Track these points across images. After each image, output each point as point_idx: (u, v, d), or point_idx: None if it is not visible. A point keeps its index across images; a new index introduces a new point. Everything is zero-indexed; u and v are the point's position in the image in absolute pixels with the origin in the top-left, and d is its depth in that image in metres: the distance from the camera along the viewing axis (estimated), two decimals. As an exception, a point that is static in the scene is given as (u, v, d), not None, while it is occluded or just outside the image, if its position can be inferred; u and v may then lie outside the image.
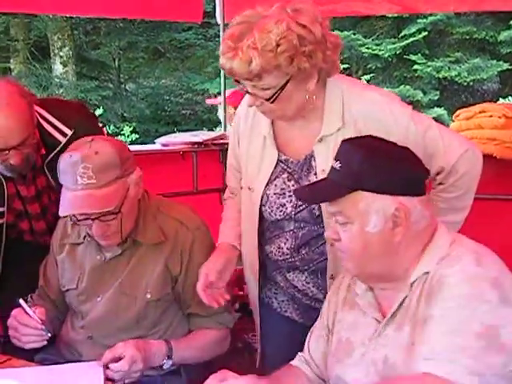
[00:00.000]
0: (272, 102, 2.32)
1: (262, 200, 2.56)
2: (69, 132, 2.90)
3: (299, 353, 2.36)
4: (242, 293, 4.31)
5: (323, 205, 2.41)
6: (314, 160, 2.47)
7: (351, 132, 2.40)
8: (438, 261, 1.95)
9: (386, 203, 1.92)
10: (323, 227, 2.47)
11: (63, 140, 2.89)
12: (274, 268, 2.67)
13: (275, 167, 2.54)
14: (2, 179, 2.89)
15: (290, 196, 2.51)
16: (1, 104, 2.62)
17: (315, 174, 2.46)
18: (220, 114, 6.33)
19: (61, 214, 2.45)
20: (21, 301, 2.49)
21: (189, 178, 5.06)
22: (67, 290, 2.71)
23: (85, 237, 2.67)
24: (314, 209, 2.47)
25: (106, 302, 2.62)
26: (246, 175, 2.64)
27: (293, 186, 2.50)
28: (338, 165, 1.98)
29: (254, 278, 2.73)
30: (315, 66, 2.31)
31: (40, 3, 5.23)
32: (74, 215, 2.48)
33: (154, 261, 2.62)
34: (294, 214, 2.51)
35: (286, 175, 2.52)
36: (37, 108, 2.82)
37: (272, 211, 2.55)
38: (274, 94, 2.30)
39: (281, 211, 2.54)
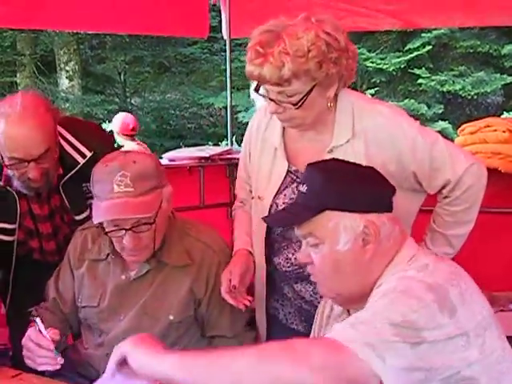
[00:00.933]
0: (298, 108, 2.39)
1: (270, 209, 2.60)
2: (88, 153, 2.92)
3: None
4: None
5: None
6: None
7: (361, 143, 2.48)
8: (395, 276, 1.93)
9: (354, 221, 1.95)
10: None
11: (82, 161, 2.91)
12: (282, 279, 2.70)
13: (285, 178, 2.60)
14: (16, 196, 2.89)
15: None
16: (26, 115, 2.65)
17: None
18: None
19: (95, 220, 2.45)
20: (37, 319, 2.47)
21: (196, 192, 5.07)
22: (84, 307, 2.70)
23: (108, 254, 2.66)
24: None
25: (128, 321, 2.62)
26: (257, 185, 2.68)
27: None
28: (304, 188, 2.02)
29: (261, 289, 2.75)
30: (339, 73, 2.40)
31: (47, 19, 5.27)
32: (106, 226, 2.48)
33: (179, 283, 2.61)
34: None
35: (295, 185, 2.56)
36: (58, 127, 2.83)
37: None
38: (301, 100, 2.37)
39: None
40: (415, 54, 14.21)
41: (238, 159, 2.96)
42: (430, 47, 14.23)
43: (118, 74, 16.84)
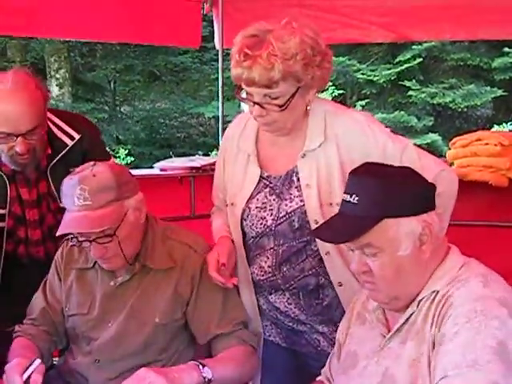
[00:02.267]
0: (283, 110, 2.42)
1: (243, 214, 2.63)
2: (76, 136, 2.98)
3: (323, 370, 2.42)
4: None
5: (305, 217, 2.52)
6: (296, 175, 2.56)
7: (333, 147, 2.53)
8: (447, 282, 1.98)
9: (412, 224, 1.96)
10: (302, 242, 2.56)
11: (70, 143, 2.96)
12: (257, 291, 2.71)
13: (258, 183, 2.62)
14: (6, 180, 2.92)
15: (270, 210, 2.59)
16: (16, 89, 2.71)
17: (296, 187, 2.55)
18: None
19: (57, 233, 2.47)
20: (38, 360, 2.42)
21: (186, 202, 5.09)
22: (73, 315, 2.71)
23: (95, 262, 2.67)
24: (293, 221, 2.55)
25: (116, 326, 2.63)
26: (231, 192, 2.70)
27: (274, 200, 2.59)
28: (354, 198, 1.98)
29: (250, 302, 2.75)
30: (321, 77, 2.46)
31: (38, 27, 5.25)
32: (75, 237, 2.52)
33: (164, 286, 2.63)
34: (274, 227, 2.57)
35: (267, 190, 2.60)
36: (47, 113, 2.88)
37: (253, 224, 2.61)
38: (286, 102, 2.41)
39: (261, 224, 2.60)
40: (406, 66, 14.25)
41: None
42: (421, 59, 14.28)
43: (108, 83, 16.81)
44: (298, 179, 2.55)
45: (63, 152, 2.96)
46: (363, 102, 14.60)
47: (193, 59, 16.38)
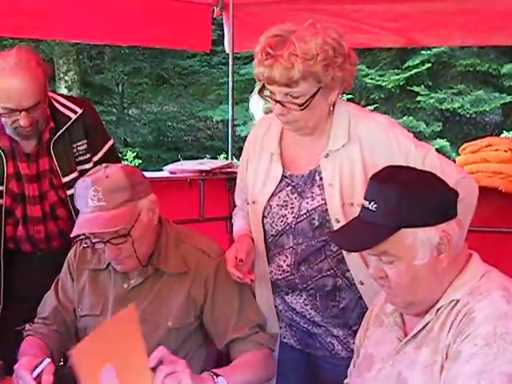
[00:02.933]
0: (303, 110, 2.45)
1: (264, 212, 2.64)
2: (79, 110, 3.08)
3: (345, 381, 2.40)
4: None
5: (326, 216, 2.53)
6: (319, 174, 2.57)
7: (356, 148, 2.55)
8: (467, 291, 1.97)
9: (430, 235, 1.94)
10: (321, 241, 2.57)
11: (74, 117, 3.06)
12: (274, 291, 2.72)
13: (280, 182, 2.64)
14: (3, 156, 2.99)
15: (291, 207, 2.60)
16: (18, 67, 2.82)
17: (319, 186, 2.57)
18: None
19: (72, 234, 2.49)
20: (47, 360, 2.42)
21: (195, 205, 5.08)
22: (85, 316, 2.71)
23: (109, 264, 2.68)
24: (313, 219, 2.56)
25: None
26: (253, 190, 2.72)
27: (295, 198, 2.60)
28: (372, 205, 1.97)
29: (265, 301, 2.75)
30: (342, 78, 2.48)
31: (47, 29, 5.27)
32: (88, 238, 2.53)
33: (177, 290, 2.63)
34: (295, 224, 2.58)
35: (289, 188, 2.63)
36: (48, 92, 3.00)
37: (273, 222, 2.63)
38: (306, 101, 2.44)
39: (282, 221, 2.61)
40: (414, 71, 14.23)
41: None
42: (430, 65, 14.26)
43: (117, 85, 16.85)
44: (321, 178, 2.57)
45: (67, 125, 3.07)
46: (371, 107, 14.58)
47: (201, 62, 16.39)
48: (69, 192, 3.06)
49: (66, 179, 3.10)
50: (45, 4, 4.94)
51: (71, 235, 2.50)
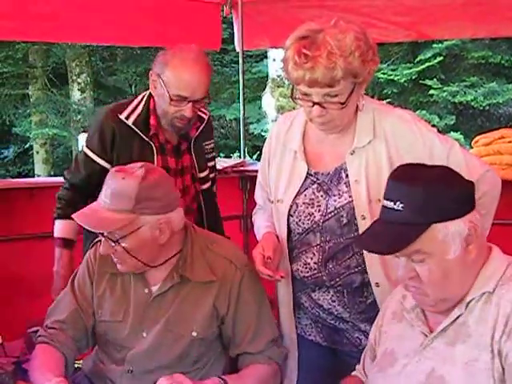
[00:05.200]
0: (344, 107, 2.45)
1: (290, 210, 2.64)
2: (207, 112, 3.48)
3: (357, 365, 2.45)
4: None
5: (354, 213, 2.53)
6: (345, 171, 2.57)
7: (382, 145, 2.55)
8: (496, 282, 1.98)
9: (459, 227, 1.96)
10: (349, 238, 2.57)
11: (205, 118, 3.47)
12: (299, 288, 2.72)
13: (305, 180, 2.63)
14: (155, 152, 3.20)
15: (318, 206, 2.60)
16: (198, 60, 3.12)
17: (345, 183, 2.56)
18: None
19: (73, 216, 2.58)
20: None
21: (208, 204, 5.04)
22: (105, 321, 2.68)
23: None
24: (341, 217, 2.56)
25: (152, 338, 2.60)
26: (277, 189, 2.71)
27: (321, 196, 2.60)
28: (398, 205, 1.96)
29: (287, 299, 2.77)
30: (374, 70, 2.49)
31: (59, 32, 5.31)
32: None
33: (202, 299, 2.61)
34: (322, 222, 2.57)
35: (315, 186, 2.62)
36: None
37: (300, 220, 2.62)
38: (347, 99, 2.44)
39: (309, 219, 2.61)
40: (426, 65, 14.16)
41: (250, 171, 3.00)
42: (442, 58, 14.18)
43: (129, 86, 16.83)
44: (347, 175, 2.57)
45: (203, 125, 3.41)
46: (384, 102, 14.52)
47: (213, 61, 16.33)
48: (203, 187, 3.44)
49: (201, 175, 3.39)
50: (56, 7, 4.97)
51: (73, 215, 2.57)
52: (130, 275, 2.66)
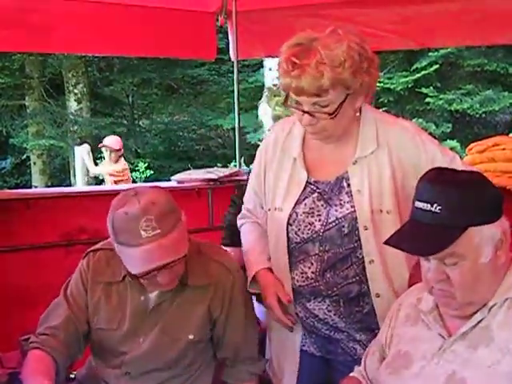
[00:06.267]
0: (333, 118, 2.42)
1: (289, 220, 2.61)
2: None
3: (356, 367, 2.44)
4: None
5: (355, 224, 2.51)
6: (347, 181, 2.55)
7: (385, 155, 2.53)
8: None
9: (493, 231, 1.96)
10: (349, 249, 2.55)
11: None
12: (294, 298, 2.69)
13: (304, 188, 2.61)
14: None
15: (318, 215, 2.57)
16: None
17: (347, 193, 2.54)
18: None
19: (134, 271, 2.44)
20: None
21: (204, 214, 5.08)
22: (101, 329, 2.67)
23: (125, 276, 2.63)
24: (343, 227, 2.54)
25: (149, 342, 2.62)
26: (275, 196, 2.68)
27: (322, 205, 2.57)
28: (436, 207, 1.96)
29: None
30: (369, 83, 2.46)
31: (55, 43, 5.32)
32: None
33: (199, 303, 2.63)
34: (323, 232, 2.55)
35: (315, 195, 2.59)
36: None
37: (299, 230, 2.60)
38: (336, 109, 2.41)
39: (309, 229, 2.58)
40: (422, 73, 14.18)
41: (246, 181, 2.98)
42: (438, 66, 14.20)
43: (126, 97, 16.88)
44: (349, 185, 2.55)
45: None
46: (381, 111, 14.51)
47: (210, 71, 16.42)
48: None
49: None
50: (52, 18, 4.97)
51: (133, 272, 2.45)
52: (127, 283, 2.65)
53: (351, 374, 2.45)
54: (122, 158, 9.35)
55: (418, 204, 2.02)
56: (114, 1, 5.30)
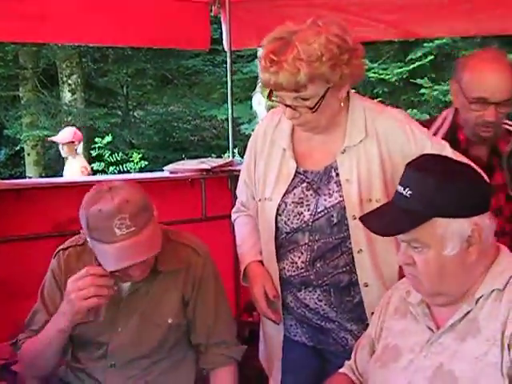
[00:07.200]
0: (314, 112, 2.42)
1: (278, 210, 2.62)
2: None
3: (346, 361, 2.44)
4: (251, 319, 4.31)
5: (344, 213, 2.53)
6: (335, 170, 2.56)
7: (374, 144, 2.54)
8: (507, 280, 2.00)
9: (462, 226, 1.96)
10: (338, 238, 2.56)
11: None
12: (285, 288, 2.71)
13: (293, 178, 2.62)
14: None
15: (307, 205, 2.59)
16: (497, 59, 2.92)
17: (336, 182, 2.55)
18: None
19: (109, 269, 2.44)
20: None
21: (197, 205, 5.05)
22: (79, 324, 2.64)
23: None
24: (332, 216, 2.55)
25: (129, 331, 2.65)
26: (264, 187, 2.69)
27: (311, 195, 2.58)
28: (407, 192, 1.98)
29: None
30: (351, 74, 2.45)
31: (49, 33, 5.30)
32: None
33: (172, 288, 2.67)
34: (312, 222, 2.56)
35: (304, 185, 2.61)
36: None
37: (288, 220, 2.61)
38: (317, 103, 2.41)
39: (298, 219, 2.60)
40: (417, 64, 14.15)
41: (239, 171, 2.98)
42: (432, 57, 14.18)
43: (121, 87, 16.82)
44: (337, 174, 2.56)
45: None
46: (370, 99, 14.51)
47: (204, 62, 16.36)
48: None
49: None
50: (45, 8, 4.94)
51: (108, 269, 2.44)
52: None
53: (340, 370, 2.45)
54: (81, 154, 8.75)
55: (398, 187, 2.04)
56: (108, -9, 5.28)
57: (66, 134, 8.40)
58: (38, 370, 2.72)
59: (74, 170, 8.15)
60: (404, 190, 2.00)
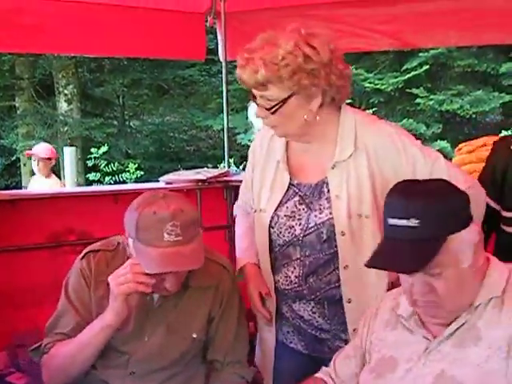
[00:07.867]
0: (272, 113, 2.46)
1: (271, 222, 2.63)
2: None
3: (323, 367, 2.41)
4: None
5: (334, 230, 2.52)
6: (327, 186, 2.55)
7: (363, 158, 2.52)
8: (503, 286, 2.01)
9: (472, 234, 1.98)
10: (329, 254, 2.55)
11: None
12: (280, 299, 2.71)
13: (287, 190, 2.63)
14: None
15: (299, 219, 2.58)
16: None
17: (326, 199, 2.54)
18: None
19: (149, 271, 2.43)
20: None
21: (193, 215, 5.03)
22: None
23: None
24: (321, 233, 2.54)
25: (156, 341, 2.64)
26: (260, 198, 2.70)
27: (303, 209, 2.58)
28: (413, 222, 1.94)
29: (272, 305, 2.76)
30: (317, 86, 2.45)
31: (45, 43, 5.31)
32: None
33: (202, 304, 2.68)
34: (302, 237, 2.56)
35: (297, 198, 2.60)
36: None
37: (280, 232, 2.61)
38: (275, 106, 2.44)
39: (289, 233, 2.59)
40: (413, 73, 14.20)
41: (234, 181, 3.00)
42: (428, 67, 14.23)
43: (117, 97, 16.83)
44: (328, 190, 2.55)
45: None
46: (371, 111, 14.55)
47: (200, 72, 16.39)
48: None
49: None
50: (42, 19, 4.96)
51: (148, 271, 2.43)
52: None
53: (316, 375, 2.43)
54: (53, 174, 8.03)
55: (391, 221, 2.00)
56: (104, 2, 5.28)
57: (43, 149, 7.85)
58: (67, 376, 2.63)
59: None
60: (407, 220, 1.95)
